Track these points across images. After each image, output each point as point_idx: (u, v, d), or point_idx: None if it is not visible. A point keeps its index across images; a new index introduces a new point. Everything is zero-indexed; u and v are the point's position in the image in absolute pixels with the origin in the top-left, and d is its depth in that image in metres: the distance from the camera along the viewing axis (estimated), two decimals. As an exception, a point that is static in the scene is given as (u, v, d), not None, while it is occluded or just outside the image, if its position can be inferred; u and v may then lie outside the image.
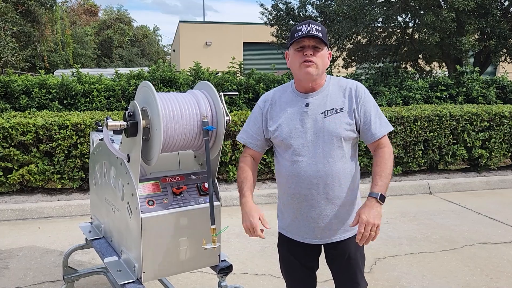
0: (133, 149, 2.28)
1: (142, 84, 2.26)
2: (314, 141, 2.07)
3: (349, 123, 2.07)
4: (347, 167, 2.10)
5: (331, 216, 2.12)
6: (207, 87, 2.40)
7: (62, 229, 4.76)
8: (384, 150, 2.10)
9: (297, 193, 2.12)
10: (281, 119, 2.14)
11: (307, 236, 2.17)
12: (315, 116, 2.08)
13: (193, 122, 2.27)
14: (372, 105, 2.11)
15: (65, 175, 5.55)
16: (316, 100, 2.10)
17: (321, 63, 2.03)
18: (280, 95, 2.21)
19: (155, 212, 2.29)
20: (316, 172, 2.07)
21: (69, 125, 5.39)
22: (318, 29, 2.00)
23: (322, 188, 2.08)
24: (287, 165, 2.13)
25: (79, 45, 29.85)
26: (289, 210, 2.20)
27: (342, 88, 2.11)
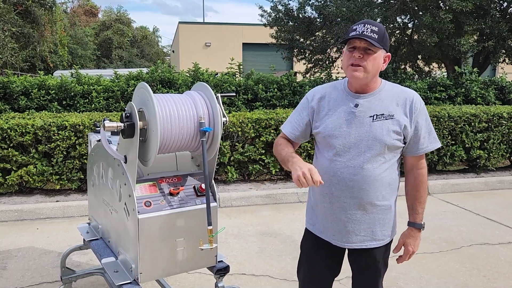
0: (130, 150, 2.29)
1: (139, 85, 2.27)
2: (357, 144, 2.01)
3: (397, 132, 2.00)
4: (386, 175, 2.04)
5: (362, 222, 2.08)
6: (204, 88, 2.40)
7: (60, 230, 4.76)
8: (422, 172, 2.09)
9: (330, 193, 2.08)
10: (327, 115, 2.09)
11: (334, 237, 2.15)
12: (363, 118, 2.02)
13: (190, 123, 2.27)
14: (425, 119, 2.05)
15: (64, 176, 5.55)
16: (367, 102, 2.03)
17: (372, 66, 1.94)
18: (331, 91, 2.16)
19: (152, 213, 2.30)
20: (353, 175, 2.02)
21: (67, 126, 5.40)
22: (375, 30, 1.91)
23: (357, 192, 2.04)
24: (326, 163, 2.09)
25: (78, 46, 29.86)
26: (320, 208, 2.17)
27: (397, 95, 2.04)
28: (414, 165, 2.10)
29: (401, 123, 1.99)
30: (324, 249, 2.22)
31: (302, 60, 13.72)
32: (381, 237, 2.13)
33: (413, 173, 2.11)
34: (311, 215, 2.28)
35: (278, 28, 13.57)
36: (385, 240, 2.15)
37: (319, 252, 2.25)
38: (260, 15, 13.87)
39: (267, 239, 4.49)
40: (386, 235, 2.14)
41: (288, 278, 3.63)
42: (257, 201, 5.76)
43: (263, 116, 6.19)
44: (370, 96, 2.03)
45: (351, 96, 2.07)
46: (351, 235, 2.11)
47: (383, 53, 1.98)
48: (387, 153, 2.02)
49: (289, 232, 4.69)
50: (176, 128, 2.23)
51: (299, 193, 5.90)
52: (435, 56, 11.60)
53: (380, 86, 2.06)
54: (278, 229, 4.80)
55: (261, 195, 5.82)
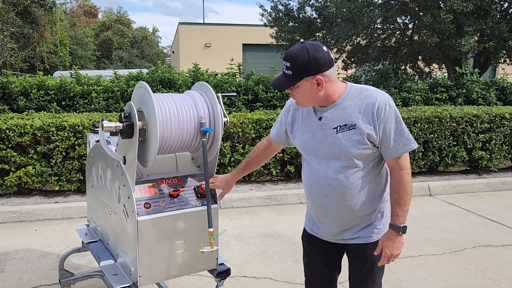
0: (129, 150, 2.24)
1: (139, 85, 2.23)
2: (326, 156, 2.04)
3: (361, 141, 1.96)
4: (362, 181, 2.04)
5: (345, 224, 2.13)
6: (204, 88, 2.36)
7: (59, 232, 4.72)
8: (401, 174, 2.02)
9: (312, 200, 2.18)
10: (300, 129, 2.16)
11: (324, 235, 2.22)
12: (327, 130, 2.02)
13: (190, 123, 2.23)
14: (394, 121, 1.98)
15: (63, 177, 5.50)
16: (330, 114, 2.01)
17: (302, 97, 1.97)
18: None
19: (151, 215, 2.26)
20: (327, 186, 2.06)
21: (67, 127, 5.35)
22: (287, 65, 1.91)
23: (333, 199, 2.07)
24: (306, 171, 2.17)
25: (78, 47, 29.82)
26: (308, 209, 2.29)
27: (361, 101, 1.97)
28: (393, 167, 2.05)
29: (364, 131, 1.95)
30: (319, 244, 2.26)
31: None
32: (368, 234, 2.13)
33: (393, 175, 2.06)
34: (307, 216, 2.35)
35: (278, 28, 13.53)
36: (374, 237, 2.13)
37: (315, 247, 2.29)
38: (261, 15, 13.83)
39: (268, 241, 4.44)
40: (375, 232, 2.14)
41: (290, 281, 3.58)
42: (257, 202, 5.71)
43: (264, 117, 6.15)
44: (333, 108, 2.00)
45: (317, 109, 2.06)
46: (338, 234, 2.16)
47: (309, 81, 1.91)
48: (357, 162, 2.00)
49: (291, 233, 4.64)
50: (176, 128, 2.18)
51: (300, 194, 5.86)
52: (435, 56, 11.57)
53: (343, 95, 2.00)
54: (279, 230, 4.75)
55: (261, 196, 5.77)
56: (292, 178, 6.60)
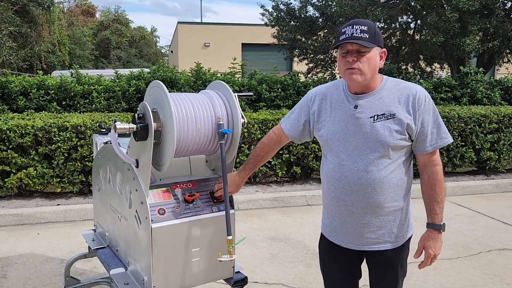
0: (142, 153, 2.12)
1: (153, 84, 2.10)
2: (359, 146, 1.95)
3: (400, 131, 1.91)
4: (393, 176, 1.96)
5: (371, 225, 2.02)
6: (221, 87, 2.24)
7: (62, 235, 4.59)
8: (436, 170, 1.98)
9: (337, 197, 2.03)
10: (329, 118, 2.04)
11: (344, 240, 2.09)
12: (364, 119, 1.94)
13: (208, 124, 2.11)
14: (432, 114, 1.95)
15: (65, 179, 5.37)
16: (367, 102, 1.95)
17: (368, 67, 1.87)
18: (332, 91, 2.09)
19: (166, 221, 2.13)
20: (357, 179, 1.96)
21: (69, 127, 5.22)
22: (364, 29, 1.84)
23: (362, 196, 1.97)
24: (330, 167, 2.04)
25: (76, 46, 29.64)
26: (328, 211, 2.14)
27: (399, 92, 1.95)
28: (426, 163, 2.00)
29: (404, 121, 1.90)
30: (338, 252, 2.15)
31: (304, 60, 13.55)
32: (393, 239, 2.05)
33: (426, 171, 2.01)
34: (324, 219, 2.22)
35: (279, 28, 13.41)
36: (399, 242, 2.06)
37: (333, 256, 2.19)
38: (261, 14, 13.70)
39: (278, 245, 4.33)
40: (400, 236, 2.05)
41: (303, 287, 3.46)
42: (264, 204, 5.59)
43: (270, 117, 6.03)
44: (369, 96, 1.95)
45: (351, 97, 1.99)
46: (361, 238, 2.04)
47: (378, 51, 1.90)
48: (392, 154, 1.93)
49: (300, 237, 4.52)
50: (193, 130, 2.06)
51: (307, 196, 5.74)
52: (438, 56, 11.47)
53: (381, 84, 1.97)
54: (288, 233, 4.63)
55: (268, 198, 5.65)
56: (297, 179, 6.49)
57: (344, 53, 1.89)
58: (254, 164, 2.30)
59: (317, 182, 6.43)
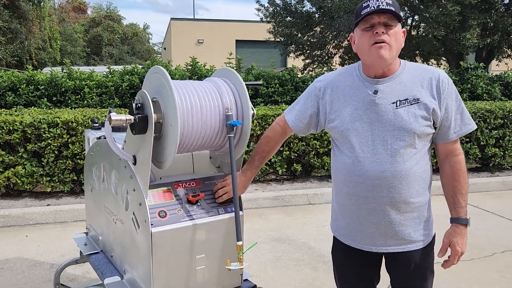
0: (141, 149, 1.88)
1: (153, 70, 1.86)
2: (381, 136, 1.75)
3: (426, 117, 1.74)
4: (419, 168, 1.77)
5: (395, 223, 1.81)
6: (230, 75, 2.00)
7: (52, 237, 4.33)
8: (459, 159, 1.82)
9: (356, 194, 1.82)
10: (343, 107, 1.83)
11: (364, 242, 1.88)
12: (385, 106, 1.75)
13: (215, 116, 1.87)
14: (455, 98, 1.78)
15: (55, 178, 5.11)
16: (387, 87, 1.76)
17: (395, 42, 1.70)
18: (344, 77, 1.88)
19: (168, 225, 1.89)
20: (381, 173, 1.75)
21: (59, 123, 4.96)
22: (389, 2, 1.67)
23: (386, 191, 1.77)
24: (347, 161, 1.83)
25: (68, 43, 29.19)
26: (345, 211, 1.92)
27: (421, 75, 1.78)
28: (448, 152, 1.83)
29: (429, 106, 1.73)
30: (355, 256, 1.94)
31: (300, 56, 13.35)
32: (419, 238, 1.85)
33: (448, 162, 1.84)
34: (336, 220, 2.02)
35: (275, 23, 13.19)
36: (425, 241, 1.87)
37: (350, 261, 1.98)
38: (257, 9, 13.46)
39: (281, 246, 4.10)
40: (425, 234, 1.87)
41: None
42: (264, 203, 5.36)
43: (270, 112, 5.80)
44: (390, 80, 1.77)
45: (368, 81, 1.80)
46: (383, 238, 1.84)
47: (400, 28, 1.75)
48: (417, 142, 1.76)
49: (304, 237, 4.30)
50: (198, 122, 1.82)
51: (309, 194, 5.53)
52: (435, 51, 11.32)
53: (400, 67, 1.80)
54: (291, 234, 4.41)
55: (268, 197, 5.42)
56: (298, 177, 6.27)
57: (368, 27, 1.70)
58: (260, 161, 2.08)
59: (318, 180, 6.22)
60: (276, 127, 2.07)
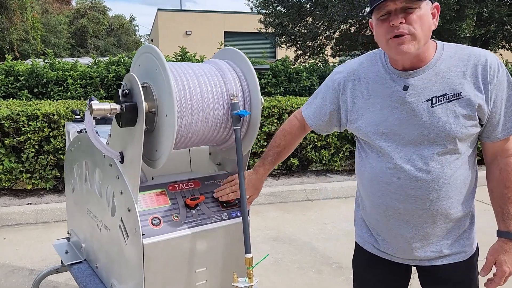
0: (129, 144, 1.57)
1: (143, 49, 1.55)
2: (414, 140, 1.46)
3: (469, 116, 1.42)
4: (460, 174, 1.48)
5: (431, 236, 1.53)
6: (235, 56, 1.69)
7: (33, 240, 3.99)
8: (510, 161, 1.50)
9: (385, 205, 1.54)
10: (366, 106, 1.53)
11: (395, 255, 1.61)
12: (417, 104, 1.45)
13: (218, 104, 1.57)
14: (506, 88, 1.45)
15: (36, 174, 4.75)
16: (420, 81, 1.45)
17: (421, 29, 1.37)
18: (367, 69, 1.57)
19: (162, 235, 1.60)
20: (415, 182, 1.47)
21: (39, 116, 4.60)
22: None
23: (421, 203, 1.49)
24: (374, 167, 1.54)
25: (51, 34, 28.45)
26: (372, 220, 1.65)
27: (463, 62, 1.44)
28: (497, 153, 1.53)
29: (473, 102, 1.42)
30: (382, 266, 1.67)
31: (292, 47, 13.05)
32: (459, 250, 1.57)
33: (497, 164, 1.53)
34: (361, 227, 1.74)
35: (266, 13, 12.86)
36: (467, 253, 1.58)
37: (376, 271, 1.70)
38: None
39: (281, 247, 3.82)
40: (467, 245, 1.58)
41: (317, 299, 2.98)
42: (260, 200, 5.07)
43: (266, 104, 5.49)
44: (423, 72, 1.46)
45: (397, 75, 1.50)
46: (417, 251, 1.56)
47: (429, 6, 1.41)
48: (460, 146, 1.45)
49: (305, 237, 4.03)
50: (199, 111, 1.52)
51: (307, 190, 5.25)
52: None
53: (436, 54, 1.47)
54: (291, 233, 4.14)
55: (264, 193, 5.14)
56: (294, 172, 5.99)
57: (384, 16, 1.40)
58: (275, 157, 1.78)
59: (315, 174, 5.95)
60: (293, 120, 1.78)
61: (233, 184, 1.74)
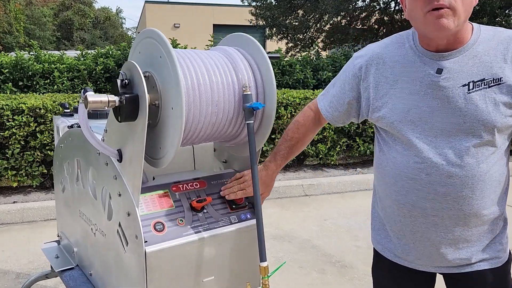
0: (129, 141, 1.40)
1: (144, 33, 1.38)
2: (447, 130, 1.31)
3: (510, 104, 1.28)
4: (496, 171, 1.34)
5: (461, 240, 1.38)
6: (246, 43, 1.52)
7: (19, 241, 3.80)
8: None
9: (411, 204, 1.38)
10: (393, 91, 1.37)
11: (418, 262, 1.45)
12: (452, 90, 1.29)
13: (229, 96, 1.40)
14: None
15: (22, 171, 4.54)
16: (456, 64, 1.30)
17: (462, 3, 1.22)
18: (393, 52, 1.41)
19: (166, 242, 1.43)
20: (447, 178, 1.31)
21: (25, 110, 4.38)
22: None
23: (452, 202, 1.33)
24: (398, 161, 1.38)
25: (36, 27, 27.87)
26: (392, 222, 1.48)
27: (502, 45, 1.30)
28: None
29: None
30: (404, 274, 1.51)
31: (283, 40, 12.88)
32: (491, 256, 1.42)
33: None
34: (379, 231, 1.57)
35: (257, 5, 12.64)
36: (500, 259, 1.44)
37: (397, 280, 1.55)
38: (238, -9, 12.86)
39: (281, 245, 3.68)
40: (500, 249, 1.44)
41: (323, 301, 2.85)
42: (257, 196, 4.92)
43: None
44: (459, 54, 1.31)
45: (428, 57, 1.34)
46: (446, 257, 1.40)
47: None
48: (497, 138, 1.31)
49: (305, 234, 3.89)
50: (208, 103, 1.35)
51: (304, 185, 5.11)
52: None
53: (473, 35, 1.33)
54: (290, 231, 4.00)
55: (261, 189, 4.98)
56: (290, 166, 5.85)
57: None
58: (287, 151, 1.63)
59: (311, 169, 5.81)
60: (308, 111, 1.63)
61: (242, 182, 1.58)
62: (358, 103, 1.50)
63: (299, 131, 1.63)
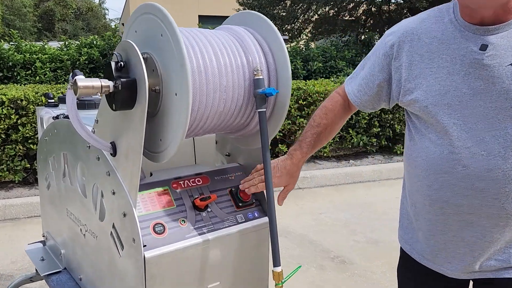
0: (125, 132, 1.24)
1: (142, 8, 1.21)
2: (490, 115, 1.16)
3: None
4: None
5: (498, 241, 1.23)
6: (257, 22, 1.36)
7: (1, 239, 3.60)
8: None
9: (443, 200, 1.23)
10: (428, 71, 1.21)
11: (448, 266, 1.31)
12: (498, 69, 1.14)
13: (239, 81, 1.25)
14: None
15: (3, 166, 4.32)
16: (504, 39, 1.14)
17: None
18: (430, 26, 1.25)
19: (167, 246, 1.28)
20: (487, 172, 1.16)
21: (5, 101, 4.15)
22: None
23: (493, 198, 1.18)
24: (432, 151, 1.23)
25: (16, 17, 27.16)
26: (423, 219, 1.33)
27: None
28: None
29: None
30: (433, 280, 1.37)
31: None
32: None
33: None
34: (407, 229, 1.43)
35: (244, -5, 12.46)
36: None
37: (425, 286, 1.41)
38: (225, -21, 12.61)
39: (284, 242, 3.55)
40: None
41: (324, 299, 2.72)
42: (249, 189, 4.78)
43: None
44: (508, 28, 1.16)
45: (471, 31, 1.19)
46: (478, 261, 1.26)
47: None
48: None
49: (301, 229, 3.77)
50: (216, 89, 1.19)
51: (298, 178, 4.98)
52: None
53: None
54: (286, 225, 3.86)
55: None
56: (282, 159, 5.71)
57: None
58: (314, 138, 1.48)
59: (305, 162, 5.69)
60: (335, 96, 1.49)
61: (263, 173, 1.41)
62: (389, 85, 1.35)
63: (327, 116, 1.48)
